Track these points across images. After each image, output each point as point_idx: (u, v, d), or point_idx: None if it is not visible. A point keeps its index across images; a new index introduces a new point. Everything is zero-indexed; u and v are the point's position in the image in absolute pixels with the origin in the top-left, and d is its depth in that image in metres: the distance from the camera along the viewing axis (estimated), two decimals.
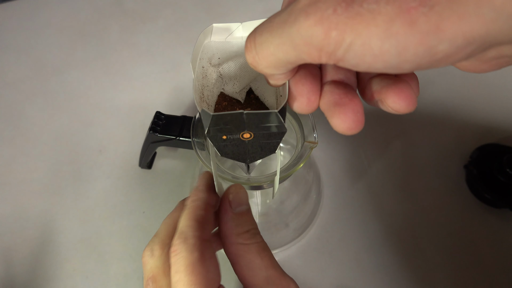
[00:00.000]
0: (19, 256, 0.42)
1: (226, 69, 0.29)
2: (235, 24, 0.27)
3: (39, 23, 0.63)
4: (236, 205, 0.25)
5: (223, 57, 0.29)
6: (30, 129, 0.51)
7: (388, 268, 0.41)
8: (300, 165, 0.31)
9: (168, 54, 0.59)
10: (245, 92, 0.30)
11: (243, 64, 0.29)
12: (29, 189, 0.46)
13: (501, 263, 0.41)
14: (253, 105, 0.30)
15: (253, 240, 0.24)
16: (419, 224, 0.43)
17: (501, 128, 0.50)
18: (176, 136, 0.37)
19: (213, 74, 0.30)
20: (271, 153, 0.29)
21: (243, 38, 0.27)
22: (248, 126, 0.26)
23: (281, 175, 0.31)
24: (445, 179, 0.46)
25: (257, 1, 0.64)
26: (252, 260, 0.23)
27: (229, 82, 0.30)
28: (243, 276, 0.23)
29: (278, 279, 0.23)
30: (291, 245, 0.42)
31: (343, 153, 0.48)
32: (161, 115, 0.38)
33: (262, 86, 0.30)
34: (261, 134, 0.26)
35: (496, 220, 0.43)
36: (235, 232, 0.24)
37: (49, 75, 0.57)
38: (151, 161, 0.46)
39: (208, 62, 0.29)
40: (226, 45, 0.28)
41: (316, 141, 0.32)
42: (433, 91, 0.54)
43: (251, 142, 0.27)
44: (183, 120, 0.37)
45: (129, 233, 0.43)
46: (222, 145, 0.28)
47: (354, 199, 0.45)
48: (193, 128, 0.33)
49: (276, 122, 0.25)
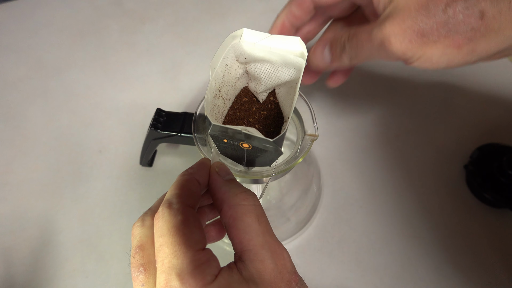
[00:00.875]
0: (19, 256, 0.42)
1: (253, 68, 0.30)
2: (264, 34, 0.28)
3: (39, 23, 0.63)
4: (224, 174, 0.26)
5: (249, 58, 0.30)
6: (30, 129, 0.51)
7: (388, 268, 0.41)
8: (301, 159, 0.31)
9: (168, 54, 0.59)
10: (267, 93, 0.32)
11: (268, 70, 0.30)
12: (29, 189, 0.46)
13: (501, 263, 0.41)
14: (270, 110, 0.31)
15: (251, 202, 0.24)
16: (419, 224, 0.43)
17: (501, 128, 0.50)
18: (177, 132, 0.37)
19: (239, 70, 0.30)
20: (266, 166, 0.29)
21: (271, 48, 0.28)
22: (247, 141, 0.26)
23: (282, 168, 0.31)
24: (445, 179, 0.46)
25: (257, 1, 0.64)
26: (250, 224, 0.23)
27: (253, 80, 0.31)
28: (239, 240, 0.23)
29: (273, 246, 0.23)
30: (293, 239, 0.42)
31: (343, 153, 0.48)
32: (162, 112, 0.38)
33: (284, 93, 0.31)
34: (258, 149, 0.27)
35: (496, 220, 0.43)
36: (232, 193, 0.24)
37: (49, 75, 0.57)
38: (152, 159, 0.46)
39: (234, 59, 0.30)
40: (254, 50, 0.29)
41: (317, 134, 0.32)
42: (433, 91, 0.54)
43: (249, 152, 0.28)
44: (184, 117, 0.38)
45: (129, 233, 0.43)
46: (222, 146, 0.29)
47: (354, 199, 0.45)
48: (195, 124, 0.33)
49: (272, 146, 0.26)
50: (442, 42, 0.26)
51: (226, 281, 0.21)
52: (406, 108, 0.52)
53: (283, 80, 0.30)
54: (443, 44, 0.26)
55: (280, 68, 0.29)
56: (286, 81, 0.30)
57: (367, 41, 0.29)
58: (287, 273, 0.23)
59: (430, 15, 0.26)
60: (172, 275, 0.21)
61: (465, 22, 0.25)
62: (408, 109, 0.52)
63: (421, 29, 0.26)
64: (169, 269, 0.21)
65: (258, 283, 0.22)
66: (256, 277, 0.22)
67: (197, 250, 0.22)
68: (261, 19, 0.62)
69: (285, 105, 0.31)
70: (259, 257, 0.22)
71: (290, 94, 0.30)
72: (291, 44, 0.28)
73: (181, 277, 0.20)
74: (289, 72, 0.29)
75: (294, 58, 0.28)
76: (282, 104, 0.31)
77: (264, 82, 0.30)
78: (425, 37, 0.26)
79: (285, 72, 0.29)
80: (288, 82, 0.30)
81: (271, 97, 0.32)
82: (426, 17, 0.26)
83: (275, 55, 0.29)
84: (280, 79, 0.30)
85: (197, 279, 0.21)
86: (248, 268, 0.22)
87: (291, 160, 0.31)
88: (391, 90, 0.54)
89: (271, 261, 0.22)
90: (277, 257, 0.23)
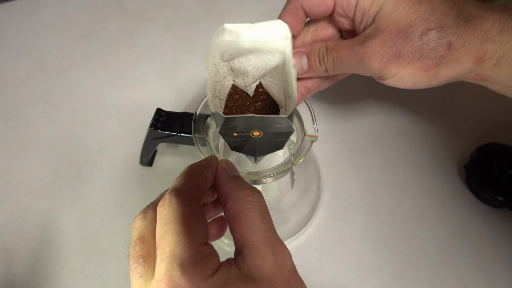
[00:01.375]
0: (19, 256, 0.42)
1: (237, 64, 0.30)
2: (246, 25, 0.28)
3: (39, 23, 0.63)
4: (230, 170, 0.26)
5: (234, 54, 0.30)
6: (30, 129, 0.51)
7: (388, 268, 0.41)
8: (301, 160, 0.31)
9: (168, 54, 0.59)
10: (254, 86, 0.32)
11: (253, 60, 0.30)
12: (29, 189, 0.46)
13: (501, 263, 0.41)
14: (262, 100, 0.31)
15: (256, 198, 0.24)
16: (419, 224, 0.43)
17: (501, 128, 0.50)
18: (177, 132, 0.37)
19: (224, 68, 0.30)
20: (278, 149, 0.30)
21: (254, 38, 0.28)
22: (258, 127, 0.26)
23: (282, 169, 0.31)
24: (445, 179, 0.46)
25: (257, 1, 0.64)
26: (253, 219, 0.23)
27: (239, 76, 0.31)
28: (241, 235, 0.23)
29: (274, 243, 0.23)
30: (293, 239, 0.42)
31: (343, 153, 0.48)
32: (162, 111, 0.38)
33: (272, 82, 0.31)
34: (270, 133, 0.27)
35: (496, 220, 0.43)
36: (238, 188, 0.24)
37: (49, 75, 0.57)
38: (152, 159, 0.46)
39: (220, 58, 0.30)
40: (237, 44, 0.29)
41: (317, 135, 0.32)
42: (433, 91, 0.54)
43: (260, 139, 0.28)
44: (184, 117, 0.38)
45: (129, 233, 0.43)
46: (233, 141, 0.29)
47: (354, 199, 0.45)
48: (194, 124, 0.33)
49: (285, 124, 0.26)
50: (414, 64, 0.30)
51: (225, 275, 0.21)
52: (406, 108, 0.52)
53: (270, 67, 0.30)
54: (415, 66, 0.30)
55: (265, 56, 0.29)
56: (272, 67, 0.30)
57: (347, 56, 0.32)
58: (287, 271, 0.23)
59: (408, 40, 0.29)
60: (174, 264, 0.20)
61: (435, 50, 0.29)
62: (408, 109, 0.52)
63: (399, 51, 0.29)
64: (170, 258, 0.21)
65: (256, 279, 0.22)
66: (255, 273, 0.22)
67: (200, 243, 0.22)
68: (261, 19, 0.62)
69: (276, 93, 0.31)
70: (260, 253, 0.22)
71: (279, 80, 0.30)
72: (274, 29, 0.28)
73: (183, 268, 0.20)
74: (274, 58, 0.29)
75: (277, 42, 0.28)
76: (273, 93, 0.31)
77: (251, 74, 0.30)
78: (401, 59, 0.30)
79: (270, 58, 0.29)
80: (274, 69, 0.30)
81: (260, 88, 0.32)
82: (404, 41, 0.29)
83: (259, 43, 0.29)
84: (267, 67, 0.30)
85: (198, 271, 0.20)
86: (247, 264, 0.22)
87: (291, 161, 0.31)
88: (391, 90, 0.54)
89: (272, 257, 0.22)
90: (278, 254, 0.23)
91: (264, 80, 0.31)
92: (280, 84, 0.30)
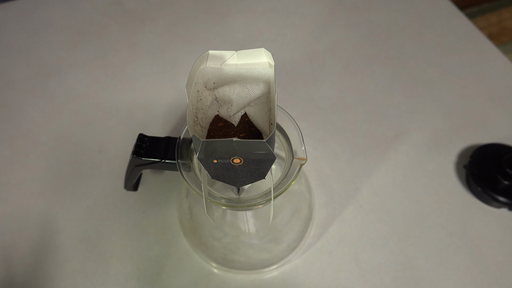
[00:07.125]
0: (19, 256, 0.42)
1: (221, 93, 0.30)
2: (229, 52, 0.28)
3: (39, 23, 0.63)
4: None
5: (218, 82, 0.30)
6: (30, 129, 0.51)
7: (388, 268, 0.41)
8: (291, 184, 0.30)
9: (168, 54, 0.59)
10: (239, 116, 0.31)
11: (238, 90, 0.30)
12: (29, 189, 0.46)
13: (501, 263, 0.41)
14: (246, 129, 0.31)
15: None
16: (418, 224, 0.43)
17: (501, 128, 0.50)
18: (160, 158, 0.35)
19: (208, 97, 0.30)
20: (260, 179, 0.29)
21: (237, 65, 0.29)
22: (238, 153, 0.26)
23: (259, 202, 0.31)
24: (445, 179, 0.46)
25: (257, 1, 0.64)
26: None
27: (224, 105, 0.31)
28: None
29: None
30: (288, 260, 0.41)
31: (343, 153, 0.48)
32: (145, 137, 0.36)
33: (257, 111, 0.31)
34: (250, 160, 0.27)
35: (496, 220, 0.43)
36: None
37: (49, 75, 0.57)
38: (137, 183, 0.45)
39: (203, 86, 0.30)
40: (221, 71, 0.29)
41: (305, 158, 0.31)
42: (433, 91, 0.54)
43: (241, 167, 0.28)
44: (167, 142, 0.36)
45: (129, 233, 0.43)
46: (213, 168, 0.28)
47: (354, 199, 0.45)
48: (178, 150, 0.32)
49: (265, 150, 0.25)
50: None
51: None
52: (405, 108, 0.52)
53: (254, 96, 0.30)
54: None
55: (249, 85, 0.29)
56: (257, 97, 0.30)
57: None
58: None
59: None
60: None
61: None
62: (408, 109, 0.52)
63: None
64: None
65: None
66: None
67: None
68: (261, 19, 0.62)
69: (260, 122, 0.31)
70: None
71: (263, 110, 0.30)
72: (257, 56, 0.28)
73: None
74: (258, 87, 0.29)
75: (262, 71, 0.28)
76: (257, 122, 0.31)
77: (235, 103, 0.30)
78: None
79: (255, 88, 0.29)
80: (258, 99, 0.30)
81: (246, 118, 0.31)
82: None
83: (242, 70, 0.29)
84: (251, 96, 0.30)
85: None
86: None
87: (280, 186, 0.31)
88: (391, 90, 0.54)
89: None
90: None
91: (249, 110, 0.31)
92: (264, 114, 0.30)
